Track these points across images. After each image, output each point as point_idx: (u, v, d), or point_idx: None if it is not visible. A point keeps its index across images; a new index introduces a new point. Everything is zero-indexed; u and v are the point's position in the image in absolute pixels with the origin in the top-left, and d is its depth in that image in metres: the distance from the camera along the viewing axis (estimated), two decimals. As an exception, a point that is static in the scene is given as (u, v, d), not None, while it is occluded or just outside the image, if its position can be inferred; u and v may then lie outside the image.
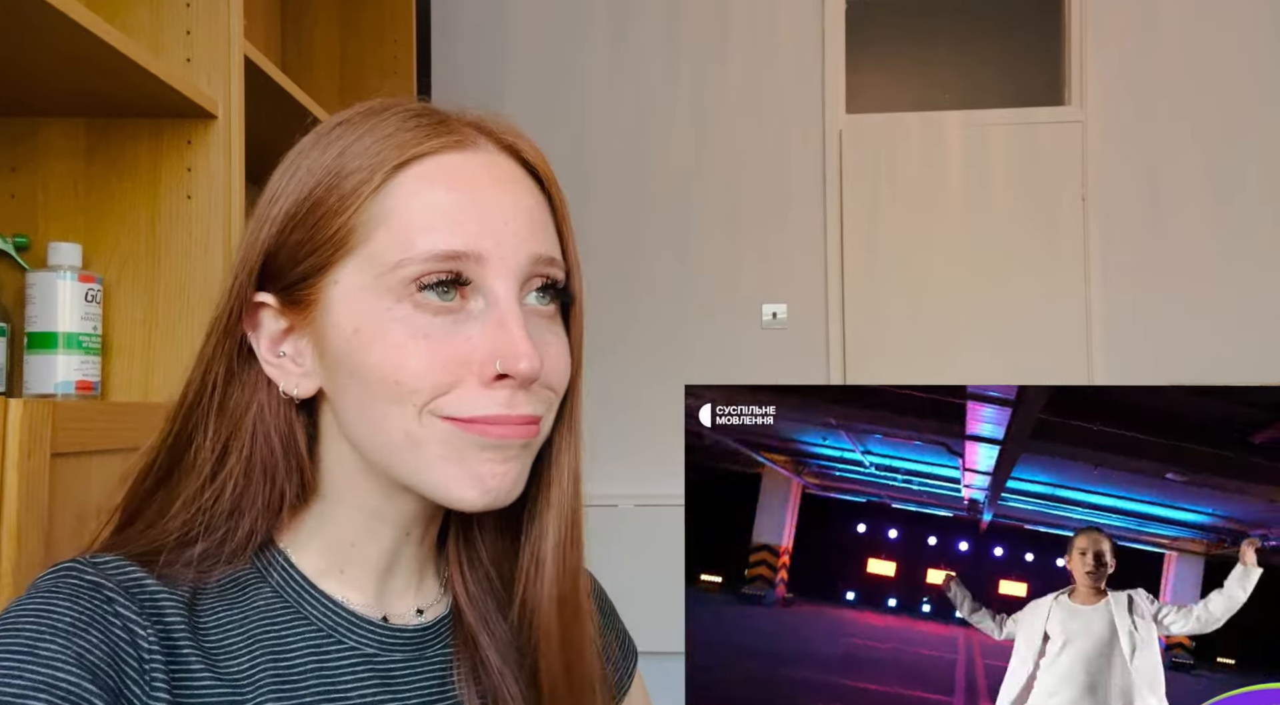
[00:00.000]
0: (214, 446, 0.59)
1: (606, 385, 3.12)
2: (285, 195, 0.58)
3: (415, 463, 0.56)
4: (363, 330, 0.55)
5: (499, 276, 0.56)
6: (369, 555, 0.62)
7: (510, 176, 0.59)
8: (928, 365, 3.14)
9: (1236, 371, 3.06)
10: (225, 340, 0.59)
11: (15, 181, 1.23)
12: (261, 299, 0.59)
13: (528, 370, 0.54)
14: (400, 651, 0.61)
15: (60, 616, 0.51)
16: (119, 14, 1.21)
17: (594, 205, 3.25)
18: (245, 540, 0.58)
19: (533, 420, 0.57)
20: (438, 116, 0.59)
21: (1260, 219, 3.14)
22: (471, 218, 0.56)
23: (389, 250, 0.55)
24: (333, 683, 0.57)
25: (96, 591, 0.52)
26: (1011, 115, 3.28)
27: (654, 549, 2.61)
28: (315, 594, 0.60)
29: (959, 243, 3.22)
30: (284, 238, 0.57)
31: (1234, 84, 3.17)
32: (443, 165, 0.57)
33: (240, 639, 0.56)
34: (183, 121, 1.24)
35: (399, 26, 2.25)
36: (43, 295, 1.11)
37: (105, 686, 0.49)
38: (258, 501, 0.58)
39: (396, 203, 0.55)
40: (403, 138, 0.57)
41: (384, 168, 0.56)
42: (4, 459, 0.79)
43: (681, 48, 3.31)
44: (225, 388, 0.59)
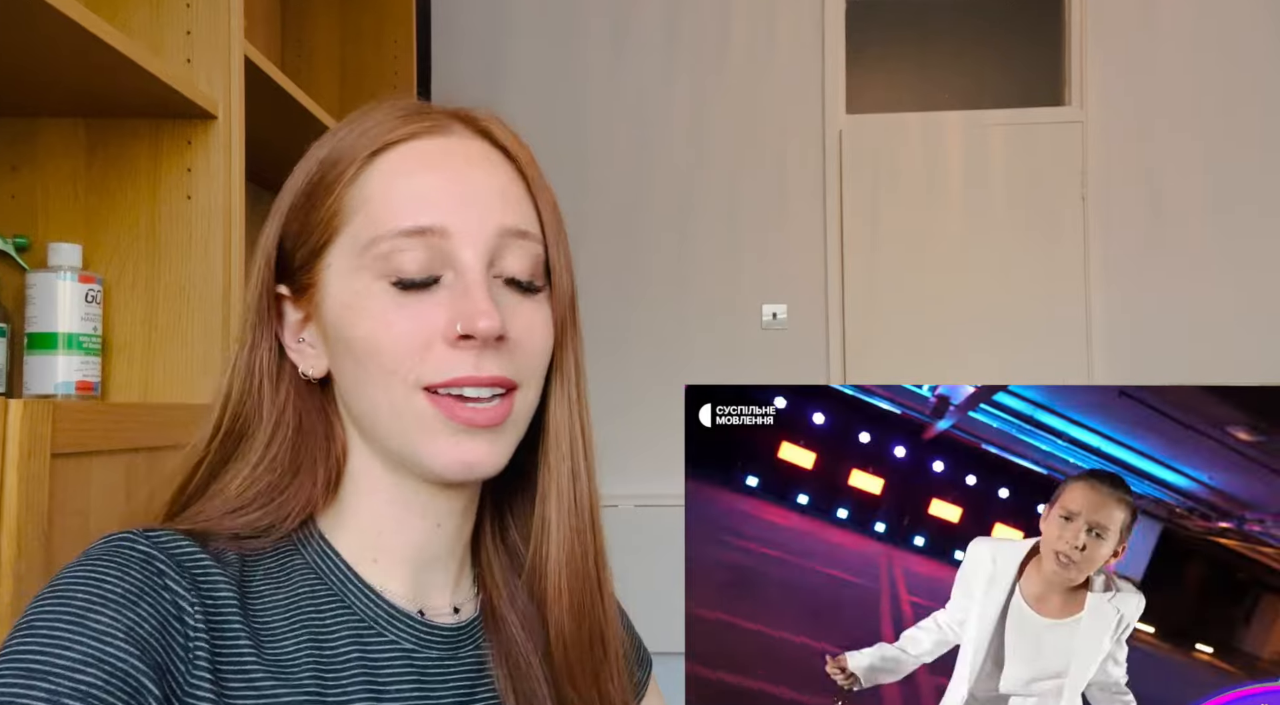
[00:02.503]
0: (268, 431, 0.61)
1: (607, 385, 3.11)
2: (288, 190, 0.63)
3: (401, 435, 0.59)
4: (351, 306, 0.59)
5: (465, 248, 0.58)
6: (397, 544, 0.62)
7: (481, 157, 0.62)
8: (927, 365, 3.14)
9: (1237, 371, 3.06)
10: (262, 334, 0.62)
11: (15, 181, 1.23)
12: (279, 291, 0.63)
13: (486, 328, 0.56)
14: (436, 650, 0.61)
15: (112, 587, 0.51)
16: (119, 14, 1.21)
17: (594, 205, 3.25)
18: (294, 513, 0.60)
19: (501, 381, 0.58)
20: (419, 107, 0.63)
21: (1260, 219, 3.14)
22: (440, 196, 0.59)
23: (366, 229, 0.59)
24: (374, 675, 0.58)
25: (148, 563, 0.53)
26: (1011, 115, 3.28)
27: (654, 549, 2.61)
28: (357, 583, 0.60)
29: (959, 243, 3.22)
30: (288, 229, 0.62)
31: (1234, 84, 3.17)
32: (416, 149, 0.60)
33: (285, 623, 0.57)
34: (183, 122, 1.24)
35: (399, 27, 2.25)
36: (43, 296, 1.11)
37: (153, 662, 0.49)
38: (306, 477, 0.60)
39: (374, 185, 0.59)
40: (382, 128, 0.61)
41: (362, 155, 0.60)
42: (4, 459, 0.79)
43: (681, 48, 3.31)
44: (274, 378, 0.62)
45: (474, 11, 3.33)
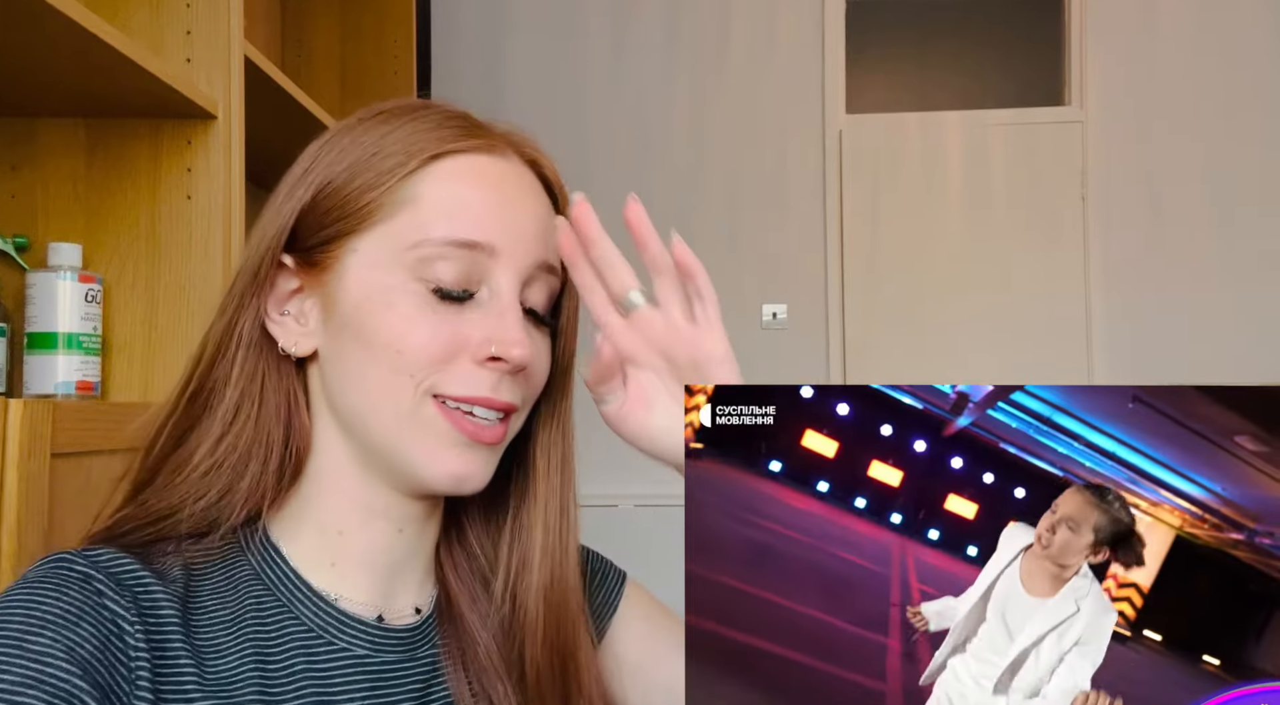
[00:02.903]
0: (232, 400, 0.60)
1: (606, 385, 3.12)
2: (322, 164, 0.61)
3: (397, 437, 0.59)
4: (373, 297, 0.59)
5: (505, 271, 0.60)
6: (359, 548, 0.61)
7: (530, 187, 0.64)
8: (927, 365, 3.14)
9: (1237, 371, 3.06)
10: (251, 298, 0.61)
11: (15, 181, 1.23)
12: (282, 259, 0.61)
13: (519, 357, 0.58)
14: (392, 652, 0.61)
15: (49, 607, 0.50)
16: (119, 14, 1.21)
17: (594, 205, 3.24)
18: (240, 503, 0.59)
19: (509, 407, 0.60)
20: (473, 122, 0.64)
21: (1261, 219, 3.14)
22: (492, 214, 0.60)
23: (411, 230, 0.59)
24: (323, 685, 0.57)
25: (86, 583, 0.52)
26: (1011, 115, 3.28)
27: (654, 549, 2.61)
28: (306, 592, 0.59)
29: (959, 243, 3.22)
30: (317, 204, 0.60)
31: (1234, 84, 3.17)
32: (473, 164, 0.61)
33: (229, 638, 0.56)
34: (183, 121, 1.24)
35: (399, 26, 2.25)
36: (43, 295, 1.11)
37: (94, 683, 0.48)
38: (255, 461, 0.59)
39: (426, 189, 0.59)
40: (441, 133, 0.61)
41: (421, 155, 0.60)
42: (4, 459, 0.79)
43: (681, 48, 3.31)
44: (249, 342, 0.61)
45: (474, 11, 3.33)
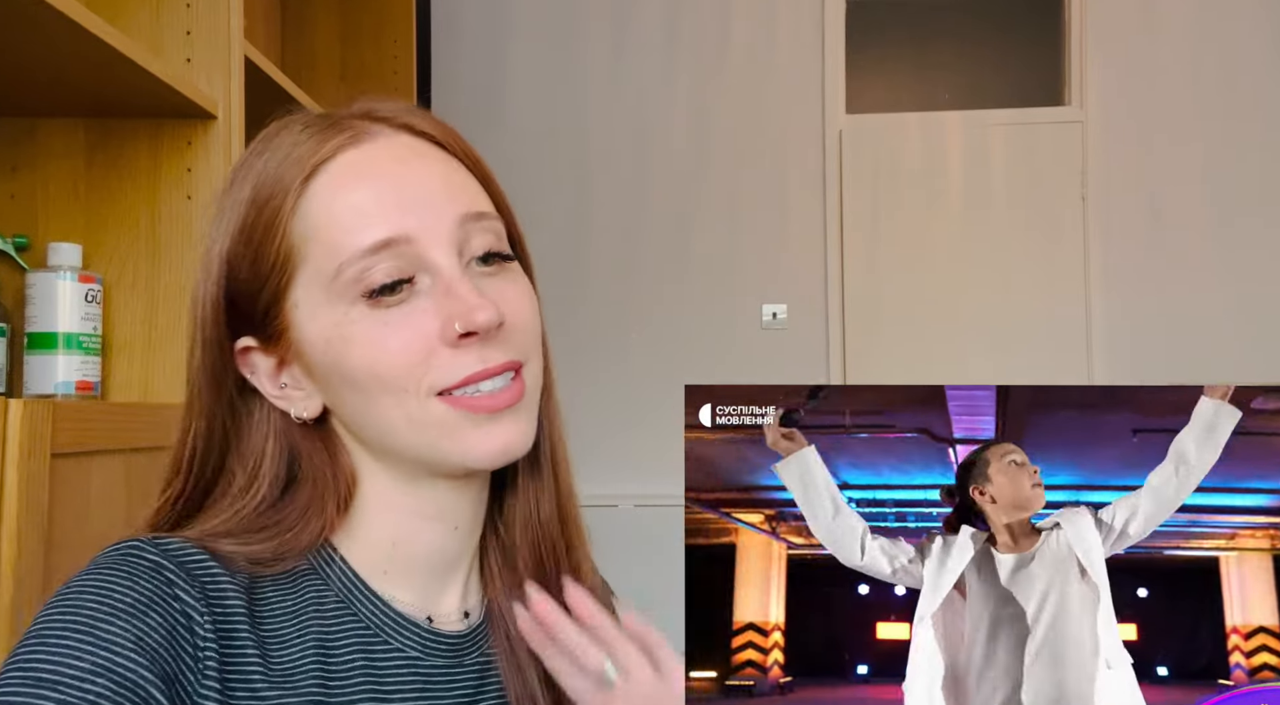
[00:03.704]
0: (245, 478, 0.60)
1: (607, 385, 3.12)
2: (218, 242, 0.60)
3: (426, 444, 0.58)
4: (335, 339, 0.57)
5: (433, 248, 0.57)
6: (415, 553, 0.62)
7: (413, 153, 0.60)
8: (927, 366, 3.14)
9: (1237, 372, 3.06)
10: (220, 393, 0.60)
11: (15, 181, 1.23)
12: (244, 344, 0.60)
13: (485, 320, 0.56)
14: (441, 657, 0.61)
15: (122, 596, 0.51)
16: (119, 14, 1.21)
17: (594, 206, 3.25)
18: (303, 548, 0.59)
19: (511, 365, 0.58)
20: (328, 120, 0.61)
21: (1260, 219, 3.14)
22: (388, 203, 0.57)
23: (326, 259, 0.57)
24: (379, 683, 0.58)
25: (158, 572, 0.53)
26: (1011, 115, 3.28)
27: (654, 549, 2.61)
28: (365, 591, 0.60)
29: (959, 243, 3.22)
30: (233, 280, 0.59)
31: (1234, 84, 3.17)
32: (346, 164, 0.58)
33: (293, 630, 0.57)
34: (183, 122, 1.24)
35: (399, 26, 2.25)
36: (43, 295, 1.11)
37: (162, 673, 0.49)
38: (314, 518, 0.59)
39: (316, 213, 0.57)
40: (301, 151, 0.58)
41: (294, 185, 0.57)
42: (4, 459, 0.79)
43: (681, 48, 3.31)
44: (239, 431, 0.61)
45: (474, 11, 3.33)
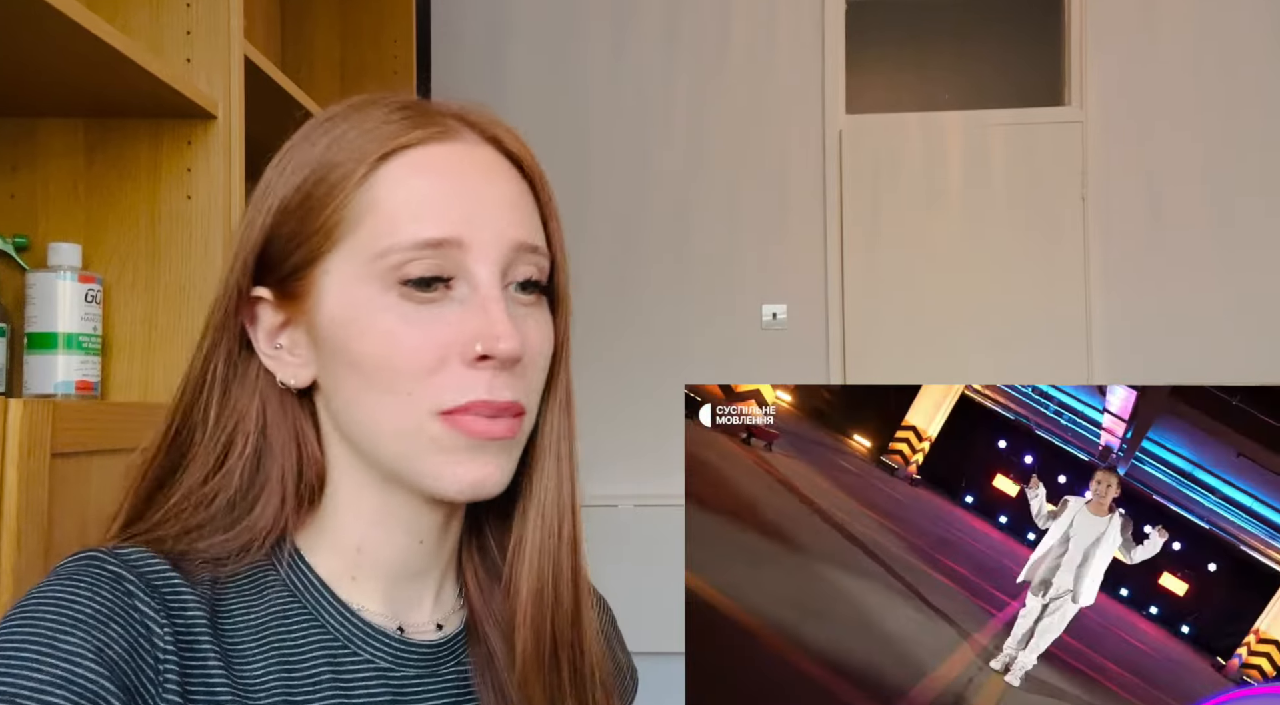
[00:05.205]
0: (216, 440, 0.59)
1: (607, 385, 3.12)
2: (276, 189, 0.59)
3: (407, 457, 0.57)
4: (356, 319, 0.56)
5: (480, 262, 0.57)
6: (379, 560, 0.61)
7: (492, 166, 0.60)
8: (927, 365, 3.14)
9: (1237, 372, 3.06)
10: (224, 334, 0.60)
11: (15, 181, 1.23)
12: (258, 293, 0.60)
13: (507, 350, 0.55)
14: (413, 667, 0.60)
15: (81, 607, 0.50)
16: (119, 14, 1.21)
17: (594, 205, 3.25)
18: (263, 535, 0.58)
19: (512, 407, 0.57)
20: (421, 108, 0.60)
21: (1260, 219, 3.14)
22: (454, 206, 0.57)
23: (375, 239, 0.56)
24: (348, 694, 0.57)
25: (118, 583, 0.52)
26: (1011, 115, 3.28)
27: (654, 549, 2.61)
28: (332, 601, 0.59)
29: (959, 243, 3.22)
30: (277, 230, 0.58)
31: (1234, 84, 3.17)
32: (427, 155, 0.58)
33: (255, 643, 0.56)
34: (183, 121, 1.24)
35: (399, 26, 2.25)
36: (43, 295, 1.11)
37: (122, 684, 0.49)
38: (273, 495, 0.58)
39: (382, 193, 0.56)
40: (387, 130, 0.58)
41: (369, 159, 0.57)
42: (4, 459, 0.79)
43: (681, 48, 3.31)
44: (226, 381, 0.60)
45: (474, 11, 3.33)
